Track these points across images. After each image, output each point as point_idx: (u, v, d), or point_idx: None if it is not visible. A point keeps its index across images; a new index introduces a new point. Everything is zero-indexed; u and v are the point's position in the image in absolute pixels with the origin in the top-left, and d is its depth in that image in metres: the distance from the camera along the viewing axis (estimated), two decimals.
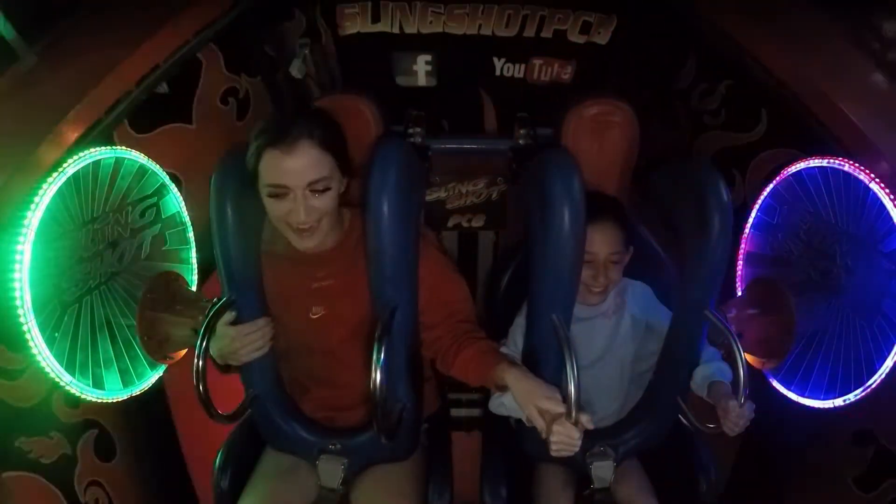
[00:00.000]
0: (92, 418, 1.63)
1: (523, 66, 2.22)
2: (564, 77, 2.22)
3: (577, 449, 1.39)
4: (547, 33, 2.13)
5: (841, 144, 1.50)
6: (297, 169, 1.37)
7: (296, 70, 2.13)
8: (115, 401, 1.62)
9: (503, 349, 1.71)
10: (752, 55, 1.68)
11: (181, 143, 1.82)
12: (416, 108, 2.14)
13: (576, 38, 2.13)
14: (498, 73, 2.24)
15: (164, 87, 1.69)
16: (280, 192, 1.40)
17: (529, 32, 2.13)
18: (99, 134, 1.48)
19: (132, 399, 1.66)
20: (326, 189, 1.42)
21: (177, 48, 1.63)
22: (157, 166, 1.73)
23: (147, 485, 1.86)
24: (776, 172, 1.71)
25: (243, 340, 1.51)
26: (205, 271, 1.89)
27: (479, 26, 2.13)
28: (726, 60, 1.84)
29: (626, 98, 1.83)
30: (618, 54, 2.16)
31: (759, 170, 1.83)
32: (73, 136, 1.41)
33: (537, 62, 2.20)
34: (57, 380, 1.44)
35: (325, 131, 1.42)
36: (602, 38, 2.13)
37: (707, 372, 1.62)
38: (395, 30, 2.15)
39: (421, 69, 2.22)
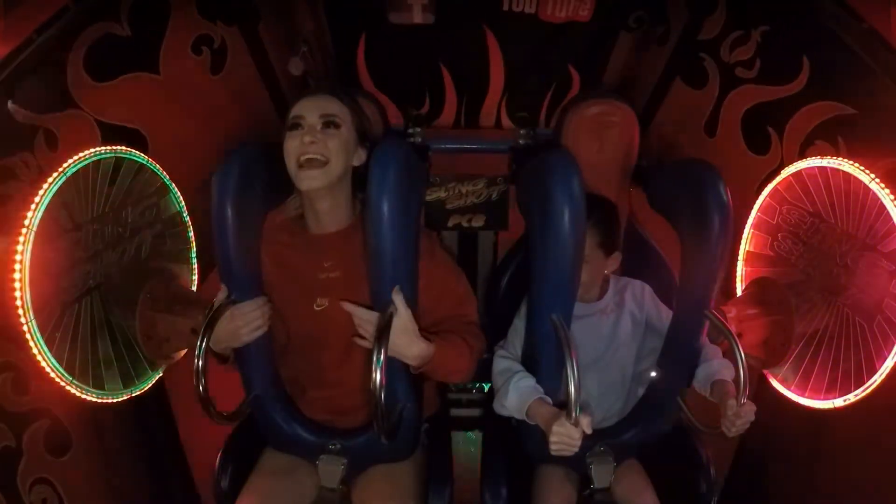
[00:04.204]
0: (43, 407, 1.48)
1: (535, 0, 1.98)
2: (582, 14, 2.00)
3: (577, 449, 1.39)
4: None
5: None
6: (313, 103, 1.52)
7: (294, 67, 2.08)
8: (115, 401, 1.62)
9: (501, 351, 1.71)
10: None
11: (146, 94, 1.65)
12: (410, 49, 1.92)
13: None
14: (506, 7, 2.01)
15: (125, 29, 1.54)
16: (296, 122, 1.50)
17: None
18: (34, 57, 1.31)
19: (131, 399, 1.65)
20: (337, 126, 1.51)
21: None
22: (157, 166, 1.73)
23: (140, 484, 1.83)
24: (818, 131, 1.56)
25: (244, 318, 1.51)
26: (205, 271, 1.89)
27: None
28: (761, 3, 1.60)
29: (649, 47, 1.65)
30: None
31: (799, 128, 1.67)
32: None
33: None
34: (57, 380, 1.44)
35: (351, 98, 1.59)
36: None
37: (710, 370, 1.62)
38: None
39: (416, 3, 2.00)
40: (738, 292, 1.88)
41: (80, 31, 1.44)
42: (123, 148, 1.59)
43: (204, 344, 1.44)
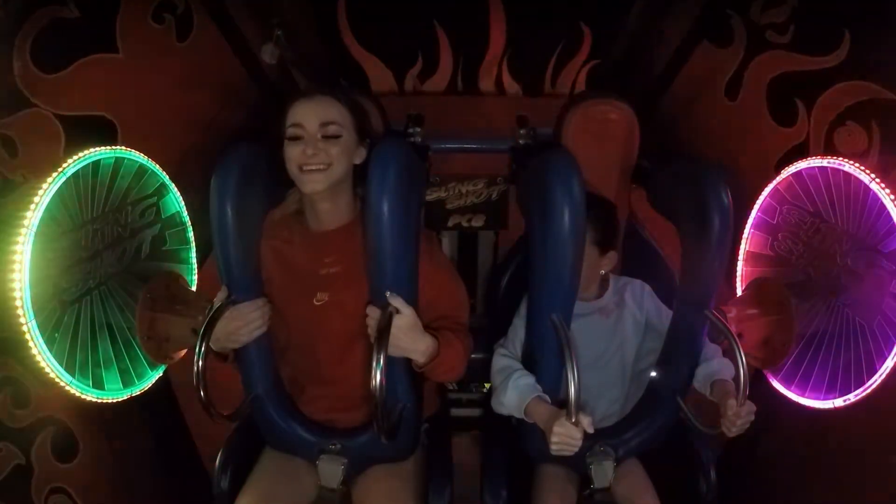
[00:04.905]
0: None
1: None
2: None
3: (577, 448, 1.39)
4: None
5: None
6: (312, 109, 1.49)
7: (268, 55, 1.99)
8: (115, 401, 1.62)
9: (500, 350, 1.71)
10: None
11: (107, 77, 1.55)
12: (399, 3, 1.78)
13: None
14: None
15: (73, 10, 1.40)
16: (295, 134, 1.48)
17: None
18: None
19: (139, 395, 1.64)
20: (337, 136, 1.49)
21: None
22: (157, 166, 1.72)
23: (154, 479, 1.81)
24: (851, 112, 1.48)
25: (244, 319, 1.51)
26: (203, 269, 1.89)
27: None
28: None
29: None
30: None
31: (830, 106, 1.57)
32: None
33: None
34: (57, 380, 1.44)
35: (349, 98, 1.56)
36: None
37: (710, 370, 1.62)
38: None
39: None
40: (738, 292, 1.88)
41: (23, 22, 1.33)
42: (123, 147, 1.59)
43: (204, 344, 1.43)
